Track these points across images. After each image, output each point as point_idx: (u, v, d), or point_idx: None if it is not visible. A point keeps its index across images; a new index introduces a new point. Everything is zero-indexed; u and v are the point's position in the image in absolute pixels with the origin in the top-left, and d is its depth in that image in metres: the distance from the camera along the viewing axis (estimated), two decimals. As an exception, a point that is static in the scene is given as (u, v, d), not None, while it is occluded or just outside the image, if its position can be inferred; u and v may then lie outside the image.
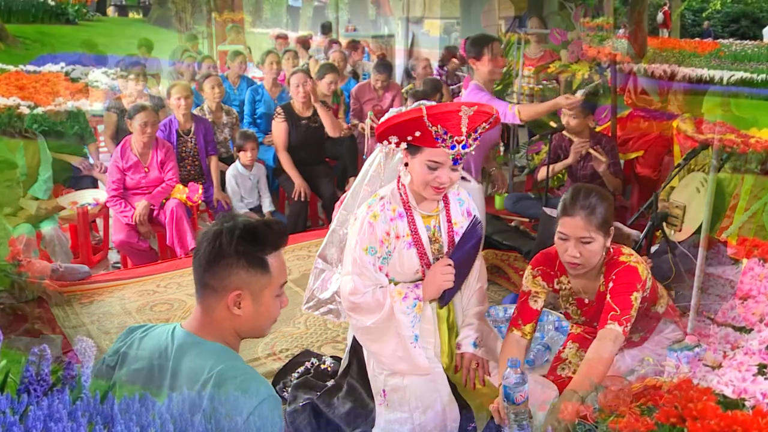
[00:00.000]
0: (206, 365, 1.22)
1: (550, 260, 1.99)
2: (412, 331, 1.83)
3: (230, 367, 1.23)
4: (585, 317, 2.04)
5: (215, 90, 4.44)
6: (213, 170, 4.17)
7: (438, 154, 1.73)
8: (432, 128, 1.69)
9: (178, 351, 1.27)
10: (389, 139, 1.78)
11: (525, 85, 4.95)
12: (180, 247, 3.67)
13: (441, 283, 1.81)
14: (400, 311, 1.81)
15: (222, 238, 1.26)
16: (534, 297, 1.97)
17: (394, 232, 1.83)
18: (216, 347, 1.28)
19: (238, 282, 1.27)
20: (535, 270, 1.99)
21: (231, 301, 1.27)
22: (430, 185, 1.78)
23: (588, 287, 1.96)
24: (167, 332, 1.33)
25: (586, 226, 1.77)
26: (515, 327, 1.95)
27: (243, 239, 1.26)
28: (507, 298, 3.08)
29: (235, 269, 1.27)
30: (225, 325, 1.30)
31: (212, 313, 1.30)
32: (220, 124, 4.52)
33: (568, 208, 1.81)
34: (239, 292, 1.27)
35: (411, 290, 1.83)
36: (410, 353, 1.83)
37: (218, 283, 1.27)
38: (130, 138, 3.73)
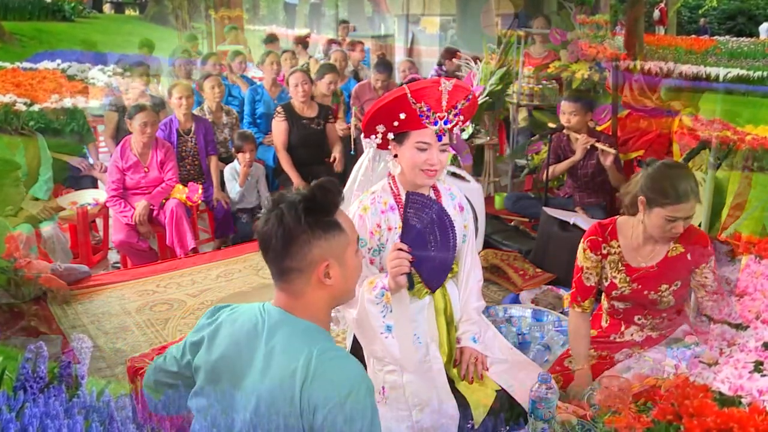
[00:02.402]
0: (302, 346, 1.20)
1: (601, 228, 2.12)
2: (382, 321, 1.79)
3: (326, 348, 1.21)
4: (635, 284, 2.07)
5: (215, 90, 4.44)
6: (213, 170, 4.17)
7: (425, 134, 1.76)
8: (416, 105, 1.72)
9: (272, 328, 1.25)
10: (376, 130, 1.79)
11: (525, 85, 4.95)
12: (180, 247, 3.67)
13: (391, 270, 1.73)
14: (368, 301, 1.78)
15: (286, 218, 1.23)
16: (586, 273, 2.12)
17: (385, 224, 1.84)
18: (310, 327, 1.26)
19: (321, 253, 1.24)
20: (585, 242, 2.13)
21: (321, 274, 1.25)
22: (421, 169, 1.79)
23: (656, 251, 2.05)
24: (258, 309, 1.31)
25: (694, 204, 1.94)
26: (575, 303, 2.13)
27: (308, 211, 1.23)
28: (507, 298, 3.07)
29: (314, 242, 1.24)
30: (318, 304, 1.28)
31: (303, 295, 1.27)
32: (220, 124, 4.52)
33: (683, 195, 1.91)
34: (327, 263, 1.25)
35: (381, 279, 1.79)
36: (384, 345, 1.79)
37: (301, 263, 1.24)
38: (130, 138, 3.73)
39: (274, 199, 1.28)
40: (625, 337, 2.17)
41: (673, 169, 2.00)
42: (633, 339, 2.15)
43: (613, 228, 2.11)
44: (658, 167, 2.00)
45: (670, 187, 1.92)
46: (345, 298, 1.35)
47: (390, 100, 1.74)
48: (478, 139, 4.71)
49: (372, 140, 1.83)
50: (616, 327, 2.20)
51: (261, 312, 1.30)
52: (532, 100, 4.94)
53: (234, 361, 1.26)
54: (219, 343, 1.29)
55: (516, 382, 1.92)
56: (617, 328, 2.19)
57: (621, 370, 2.01)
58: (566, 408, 1.69)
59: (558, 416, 1.59)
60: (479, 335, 1.97)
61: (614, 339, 2.20)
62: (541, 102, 4.92)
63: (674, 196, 1.91)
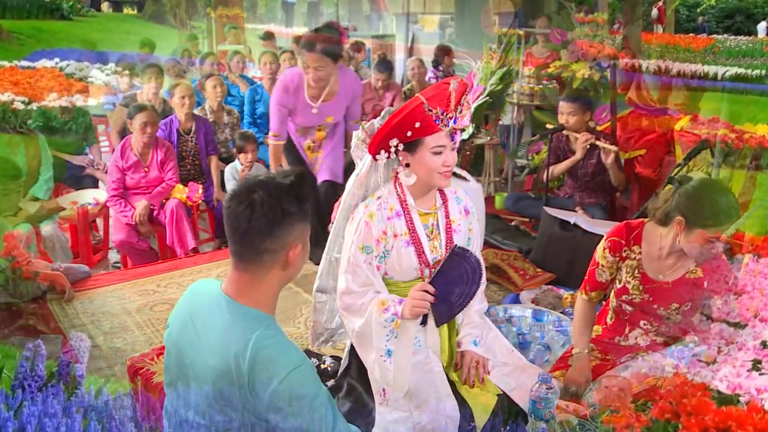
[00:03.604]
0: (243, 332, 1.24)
1: (628, 230, 2.07)
2: (385, 344, 1.79)
3: (266, 335, 1.25)
4: (646, 295, 2.04)
5: (217, 89, 4.44)
6: (213, 170, 4.17)
7: (439, 138, 1.76)
8: (432, 112, 1.72)
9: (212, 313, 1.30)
10: (389, 145, 1.77)
11: (525, 85, 4.94)
12: (180, 247, 3.67)
13: (412, 308, 1.76)
14: (376, 322, 1.79)
15: (282, 201, 1.28)
16: (600, 269, 2.11)
17: (391, 231, 1.83)
18: (251, 312, 1.30)
19: (297, 235, 1.31)
20: (607, 241, 2.09)
21: (291, 255, 1.31)
22: (439, 172, 1.79)
23: (676, 267, 2.01)
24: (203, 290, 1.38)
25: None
26: (583, 290, 2.16)
27: (298, 196, 1.30)
28: (507, 298, 3.07)
29: (296, 224, 1.30)
30: (274, 286, 1.33)
31: (264, 276, 1.31)
32: (221, 124, 4.52)
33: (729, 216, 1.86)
34: (299, 245, 1.32)
35: (394, 304, 1.80)
36: (380, 366, 1.80)
37: (278, 244, 1.29)
38: (131, 138, 3.73)
39: (251, 182, 1.30)
40: (629, 341, 2.13)
41: (715, 188, 1.93)
42: (637, 343, 2.11)
43: (640, 233, 2.04)
44: (699, 187, 1.90)
45: (715, 208, 1.85)
46: (292, 279, 1.41)
47: (408, 113, 1.73)
48: (478, 139, 4.71)
49: (381, 156, 1.81)
50: (621, 329, 2.16)
51: (206, 293, 1.36)
52: (532, 100, 4.94)
53: (180, 343, 1.32)
54: (172, 324, 1.39)
55: (518, 385, 1.91)
56: (621, 330, 2.16)
57: (620, 369, 2.01)
58: (566, 407, 1.69)
59: (558, 416, 1.59)
60: (481, 338, 1.97)
61: (618, 341, 2.16)
62: (541, 102, 4.92)
63: (720, 217, 1.85)
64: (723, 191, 1.91)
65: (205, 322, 1.30)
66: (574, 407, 1.72)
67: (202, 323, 1.31)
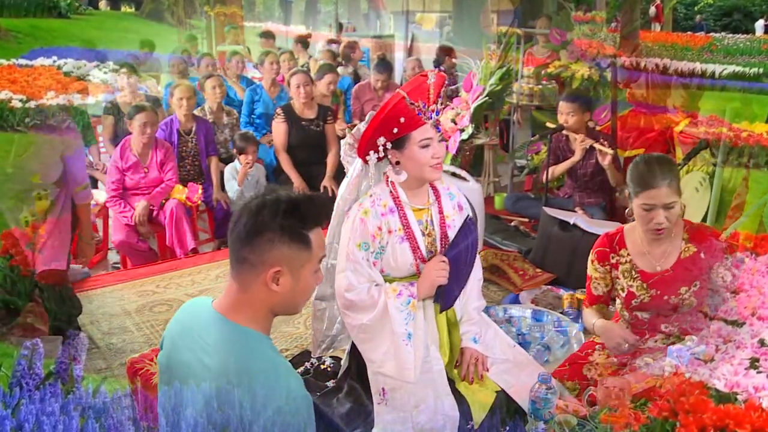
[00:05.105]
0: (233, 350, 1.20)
1: (608, 238, 2.12)
2: (405, 328, 1.82)
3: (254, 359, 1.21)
4: (653, 290, 2.04)
5: (216, 90, 4.44)
6: (213, 170, 4.17)
7: (425, 131, 1.78)
8: (414, 105, 1.74)
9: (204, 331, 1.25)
10: (377, 144, 1.79)
11: (525, 85, 4.94)
12: (180, 248, 3.67)
13: (434, 279, 1.81)
14: (393, 307, 1.81)
15: (265, 211, 1.23)
16: (594, 283, 2.15)
17: (386, 227, 1.84)
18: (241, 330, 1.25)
19: (278, 257, 1.23)
20: (593, 254, 2.13)
21: (270, 278, 1.24)
22: (429, 165, 1.80)
23: (667, 253, 2.03)
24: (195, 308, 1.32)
25: (669, 193, 1.91)
26: (584, 306, 2.20)
27: (287, 214, 1.23)
28: (507, 298, 3.07)
29: (276, 244, 1.23)
30: (260, 303, 1.27)
31: (248, 289, 1.26)
32: (220, 125, 4.52)
33: (651, 181, 1.91)
34: (279, 269, 1.24)
35: (405, 287, 1.84)
36: (401, 351, 1.82)
37: (257, 258, 1.23)
38: (130, 138, 3.73)
39: (267, 190, 1.29)
40: (648, 344, 2.09)
41: (647, 159, 2.01)
42: (657, 345, 2.07)
43: (621, 237, 2.11)
44: (637, 160, 2.02)
45: (639, 174, 1.95)
46: (287, 310, 1.34)
47: (390, 108, 1.75)
48: (478, 139, 4.71)
49: (371, 157, 1.82)
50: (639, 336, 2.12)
51: (198, 312, 1.31)
52: (532, 100, 4.94)
53: (173, 361, 1.28)
54: (165, 342, 1.33)
55: (517, 382, 1.92)
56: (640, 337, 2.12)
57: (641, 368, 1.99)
58: (566, 407, 1.69)
59: (557, 416, 1.59)
60: (480, 335, 1.98)
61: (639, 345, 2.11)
62: (541, 102, 4.92)
63: (643, 182, 1.93)
64: (652, 161, 1.98)
65: (197, 341, 1.26)
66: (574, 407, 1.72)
67: (193, 342, 1.27)
